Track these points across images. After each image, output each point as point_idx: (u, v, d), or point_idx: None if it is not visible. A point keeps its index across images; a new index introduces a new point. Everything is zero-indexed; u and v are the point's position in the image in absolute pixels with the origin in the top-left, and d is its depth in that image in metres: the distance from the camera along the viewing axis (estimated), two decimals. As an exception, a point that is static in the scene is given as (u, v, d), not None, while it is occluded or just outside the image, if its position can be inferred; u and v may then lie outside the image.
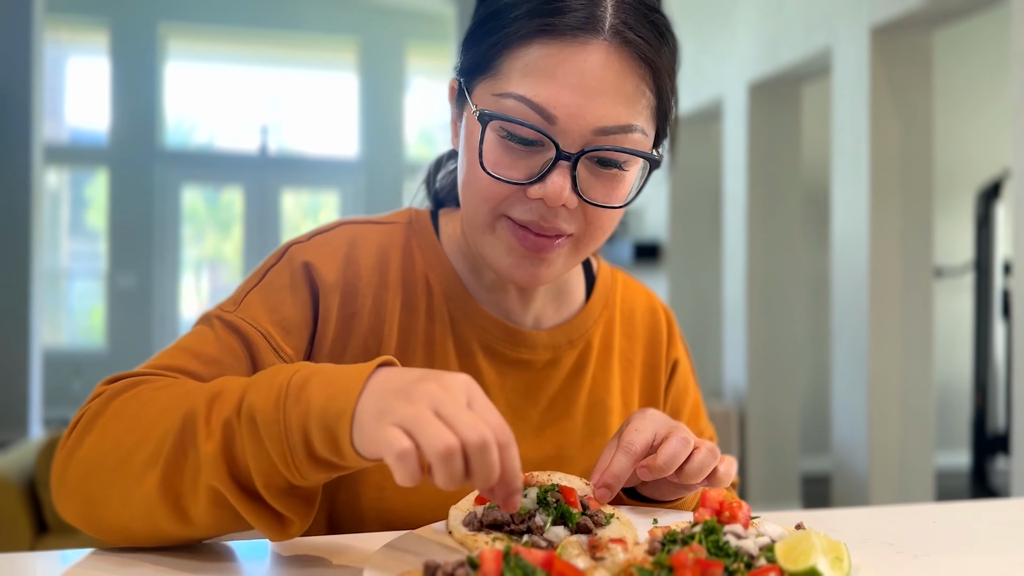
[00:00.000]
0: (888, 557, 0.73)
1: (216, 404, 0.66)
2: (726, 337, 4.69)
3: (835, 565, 0.59)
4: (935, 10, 3.33)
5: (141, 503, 0.67)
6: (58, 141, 7.88)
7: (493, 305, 0.90)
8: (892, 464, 3.52)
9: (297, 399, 0.63)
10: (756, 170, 4.50)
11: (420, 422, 0.57)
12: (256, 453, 0.64)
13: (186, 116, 8.38)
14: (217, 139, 8.45)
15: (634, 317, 0.99)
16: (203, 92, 8.33)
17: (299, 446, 0.63)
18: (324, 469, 0.64)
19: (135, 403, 0.71)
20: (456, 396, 0.59)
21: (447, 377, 0.61)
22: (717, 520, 0.65)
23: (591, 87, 0.75)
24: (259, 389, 0.65)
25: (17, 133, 5.72)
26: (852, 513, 0.89)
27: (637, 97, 0.77)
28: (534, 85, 0.75)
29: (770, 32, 4.27)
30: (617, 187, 0.79)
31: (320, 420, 0.62)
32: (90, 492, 0.69)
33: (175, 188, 8.09)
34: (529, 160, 0.77)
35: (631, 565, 0.57)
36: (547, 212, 0.77)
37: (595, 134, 0.76)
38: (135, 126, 7.91)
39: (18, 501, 2.66)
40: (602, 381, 0.94)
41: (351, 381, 0.62)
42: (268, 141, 8.33)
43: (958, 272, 5.43)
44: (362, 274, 0.86)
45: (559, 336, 0.91)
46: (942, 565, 0.72)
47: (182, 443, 0.66)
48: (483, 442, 0.57)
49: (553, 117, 0.75)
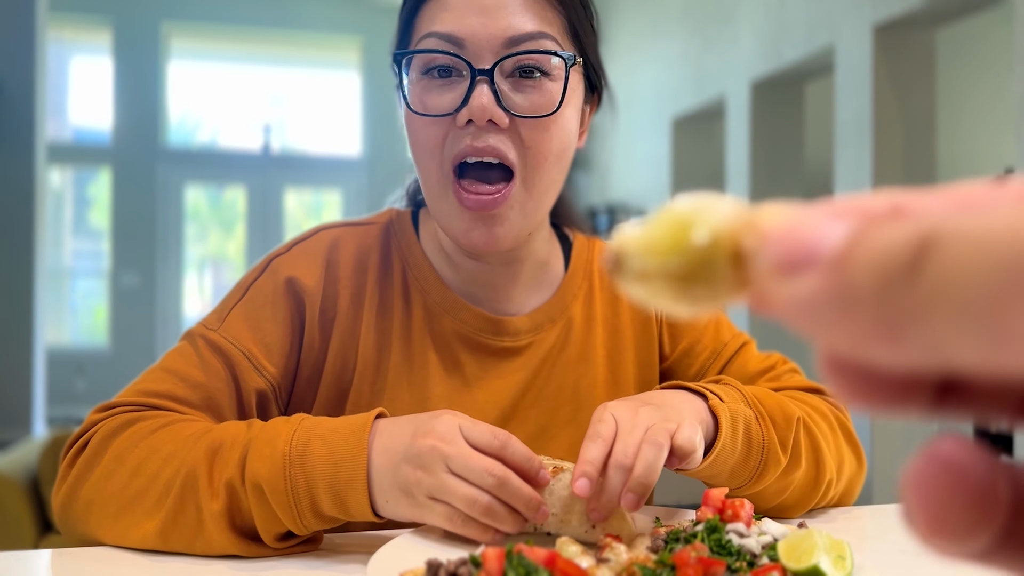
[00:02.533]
0: (890, 556, 0.73)
1: (217, 462, 0.70)
2: (729, 336, 4.69)
3: (837, 564, 0.59)
4: (938, 9, 3.33)
5: (139, 544, 0.71)
6: (61, 140, 7.89)
7: (472, 297, 0.90)
8: (895, 462, 3.52)
9: (302, 466, 0.67)
10: (759, 168, 4.50)
11: (446, 491, 0.64)
12: (264, 516, 0.68)
13: (189, 115, 8.38)
14: (220, 138, 8.46)
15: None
16: (206, 91, 8.33)
17: (308, 510, 0.68)
18: (332, 523, 0.70)
19: (135, 448, 0.73)
20: (456, 443, 0.65)
21: (438, 426, 0.66)
22: (720, 519, 0.65)
23: (489, 5, 0.78)
24: (261, 454, 0.68)
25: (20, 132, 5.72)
26: (854, 512, 0.89)
27: (543, 9, 0.79)
28: (440, 21, 0.79)
29: (773, 30, 4.27)
30: (544, 96, 0.79)
31: (329, 488, 0.67)
32: (92, 529, 0.74)
33: (178, 187, 8.10)
34: (452, 92, 0.79)
35: (633, 563, 0.57)
36: (479, 132, 0.78)
37: (505, 46, 0.78)
38: (138, 125, 7.91)
39: (21, 499, 2.67)
40: (585, 353, 0.92)
41: (353, 447, 0.67)
42: (271, 140, 8.33)
43: (961, 271, 5.42)
44: (340, 276, 0.87)
45: (540, 317, 0.91)
46: (945, 565, 0.71)
47: (182, 499, 0.70)
48: (499, 481, 0.64)
49: (460, 40, 0.78)
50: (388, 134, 8.48)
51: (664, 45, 5.41)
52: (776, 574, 0.57)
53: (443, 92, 0.79)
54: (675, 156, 5.39)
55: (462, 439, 0.66)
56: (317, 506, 0.67)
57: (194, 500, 0.69)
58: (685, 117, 5.29)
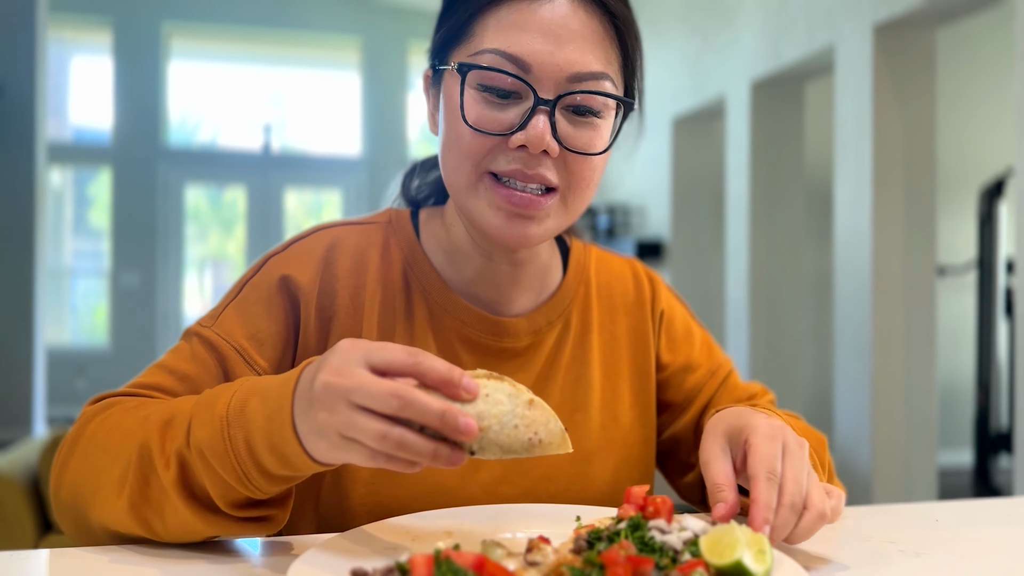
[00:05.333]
0: (890, 555, 0.73)
1: (168, 433, 0.70)
2: (729, 335, 4.69)
3: (759, 558, 0.60)
4: (938, 8, 3.32)
5: (119, 525, 0.72)
6: (61, 140, 7.89)
7: (474, 298, 0.90)
8: (895, 462, 3.52)
9: (240, 425, 0.66)
10: (759, 168, 4.50)
11: (354, 428, 0.60)
12: (213, 481, 0.67)
13: (189, 115, 8.38)
14: (220, 138, 8.45)
15: (612, 288, 0.99)
16: (206, 91, 8.33)
17: (252, 469, 0.66)
18: (282, 482, 0.68)
19: (104, 428, 0.75)
20: (353, 375, 0.60)
21: (334, 359, 0.62)
22: (642, 516, 0.65)
23: (560, 35, 0.78)
24: (201, 419, 0.68)
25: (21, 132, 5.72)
26: (854, 511, 0.89)
27: (605, 48, 0.81)
28: (506, 39, 0.79)
29: (773, 30, 4.27)
30: (595, 135, 0.81)
31: (267, 444, 0.65)
32: (77, 513, 0.75)
33: (178, 187, 8.10)
34: (508, 112, 0.79)
35: (562, 564, 0.57)
36: (530, 160, 0.79)
37: (569, 81, 0.79)
38: (138, 125, 7.91)
39: (22, 499, 2.67)
40: (580, 356, 0.94)
41: (282, 397, 0.65)
42: (271, 140, 8.33)
43: (961, 270, 5.42)
44: (339, 275, 0.87)
45: (539, 319, 0.92)
46: (944, 564, 0.72)
47: (142, 472, 0.70)
48: (404, 402, 0.59)
49: (528, 66, 0.78)
50: (388, 134, 8.47)
51: (664, 45, 5.41)
52: (700, 570, 0.57)
53: (501, 111, 0.79)
54: (675, 156, 5.39)
55: (361, 368, 0.61)
56: (261, 464, 0.66)
57: (153, 472, 0.69)
58: (685, 117, 5.29)
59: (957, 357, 5.53)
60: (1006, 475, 4.85)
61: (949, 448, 5.52)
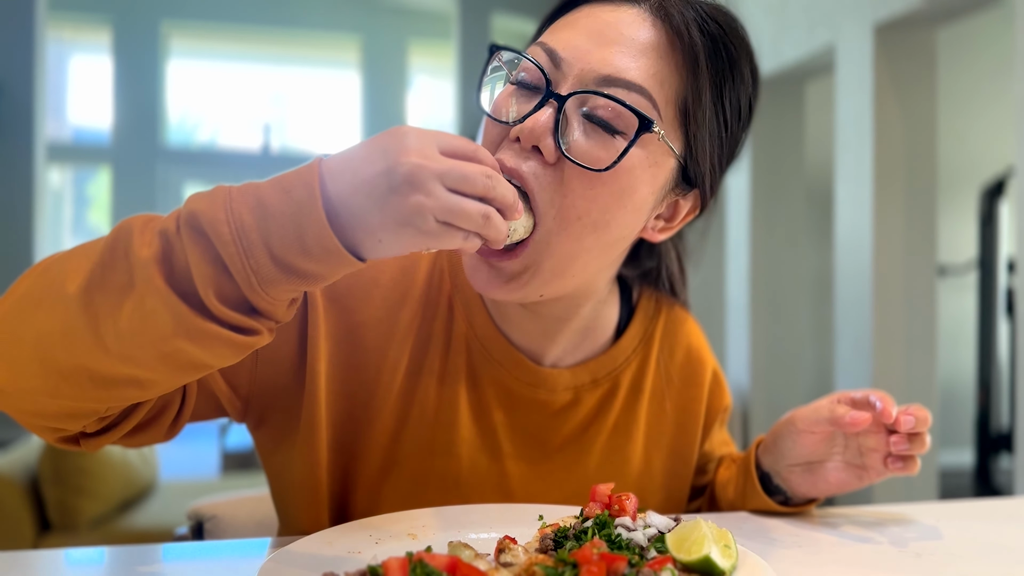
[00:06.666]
0: (890, 556, 0.73)
1: (153, 222, 0.59)
2: (729, 335, 4.69)
3: (724, 553, 0.60)
4: (939, 8, 3.32)
5: (58, 322, 0.58)
6: (60, 139, 7.89)
7: (517, 338, 0.83)
8: (895, 462, 3.51)
9: (245, 197, 0.57)
10: (759, 167, 4.49)
11: (453, 211, 0.56)
12: (202, 259, 0.56)
13: (189, 114, 8.38)
14: (220, 137, 8.45)
15: (674, 356, 0.92)
16: (206, 90, 8.32)
17: (257, 244, 0.56)
18: (287, 273, 0.57)
19: (58, 256, 0.63)
20: (439, 158, 0.57)
21: (410, 142, 0.57)
22: (608, 514, 0.65)
23: (605, 35, 0.71)
24: (199, 199, 0.58)
25: (19, 131, 5.72)
26: (855, 511, 0.89)
27: (658, 67, 0.71)
28: (557, 34, 0.73)
29: (773, 29, 4.27)
30: (604, 151, 0.69)
31: (282, 214, 0.56)
32: (8, 336, 0.61)
33: (177, 186, 8.09)
34: (526, 105, 0.72)
35: (534, 564, 0.57)
36: (519, 153, 0.70)
37: (597, 83, 0.70)
38: (138, 124, 7.91)
39: (21, 499, 2.67)
40: (624, 426, 0.87)
41: (304, 174, 0.58)
42: (271, 139, 8.32)
43: (962, 270, 5.42)
44: (380, 281, 0.80)
45: (582, 375, 0.85)
46: (944, 564, 0.71)
47: (112, 251, 0.58)
48: (493, 179, 0.59)
49: (560, 59, 0.71)
50: (388, 133, 8.47)
51: (664, 44, 5.41)
52: (669, 566, 0.57)
53: (519, 103, 0.72)
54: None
55: (438, 151, 0.58)
56: (268, 240, 0.56)
57: (125, 255, 0.57)
58: (685, 116, 5.29)
59: (958, 357, 5.52)
60: (1007, 475, 4.85)
61: (950, 448, 5.52)
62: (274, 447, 0.81)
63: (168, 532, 2.76)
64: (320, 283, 0.59)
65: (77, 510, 2.73)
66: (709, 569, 0.58)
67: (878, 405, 0.79)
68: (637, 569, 0.56)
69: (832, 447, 0.84)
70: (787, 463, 0.85)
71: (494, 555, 0.61)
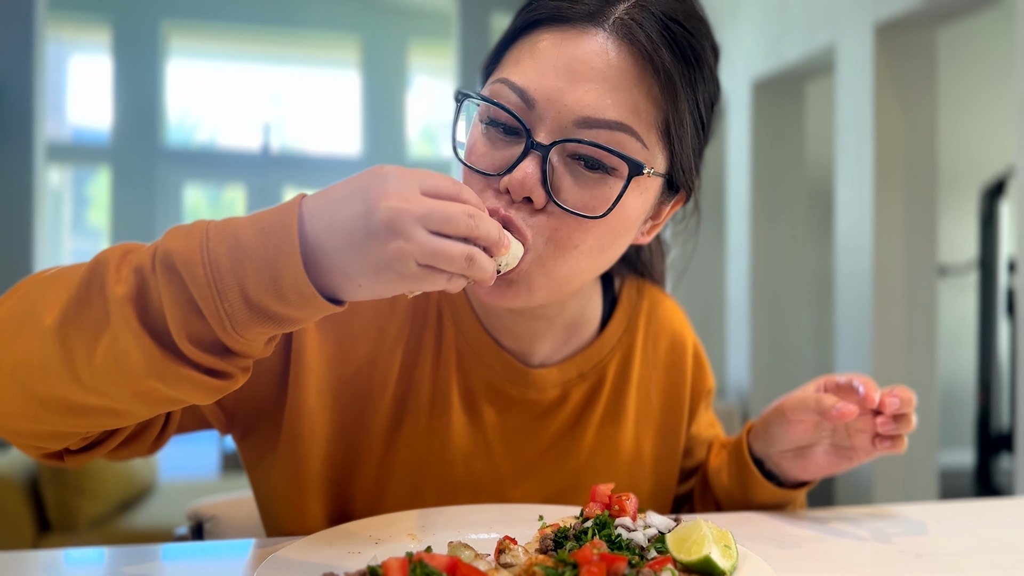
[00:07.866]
0: (891, 556, 0.73)
1: (130, 255, 0.59)
2: (729, 335, 4.68)
3: (725, 553, 0.60)
4: (939, 7, 3.32)
5: (34, 352, 0.58)
6: (60, 139, 7.88)
7: (506, 341, 0.84)
8: (896, 462, 3.52)
9: (222, 239, 0.56)
10: (760, 168, 4.49)
11: (434, 254, 0.55)
12: (175, 300, 0.55)
13: (188, 114, 8.37)
14: (219, 137, 8.45)
15: (658, 341, 0.93)
16: (205, 90, 8.32)
17: (232, 287, 0.55)
18: (262, 318, 0.56)
19: (41, 277, 0.64)
20: (420, 200, 0.55)
21: (390, 185, 0.55)
22: (608, 514, 0.65)
23: (577, 72, 0.68)
24: (176, 233, 0.57)
25: (19, 131, 5.72)
26: (855, 511, 0.89)
27: (635, 98, 0.69)
28: (523, 69, 0.70)
29: (774, 29, 4.27)
30: (597, 197, 0.69)
31: (257, 257, 0.55)
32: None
33: (177, 186, 8.09)
34: (507, 151, 0.70)
35: (534, 564, 0.57)
36: (510, 205, 0.69)
37: (576, 126, 0.68)
38: (137, 124, 7.91)
39: (20, 500, 2.66)
40: (613, 415, 0.88)
41: (284, 214, 0.56)
42: (270, 139, 8.32)
43: (962, 270, 5.42)
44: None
45: (569, 370, 0.86)
46: (945, 564, 0.71)
47: (88, 286, 0.58)
48: (475, 219, 0.57)
49: (532, 101, 0.69)
50: (388, 134, 8.47)
51: (664, 44, 5.41)
52: (670, 566, 0.57)
53: (498, 149, 0.71)
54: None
55: (419, 192, 0.56)
56: (243, 283, 0.55)
57: (100, 290, 0.57)
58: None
59: (958, 357, 5.52)
60: (1007, 475, 4.85)
61: (950, 448, 5.52)
62: (258, 458, 0.82)
63: (168, 532, 2.76)
64: (296, 326, 0.58)
65: (77, 510, 2.73)
66: (709, 569, 0.58)
67: (861, 390, 0.81)
68: (637, 569, 0.56)
69: (821, 432, 0.86)
70: (778, 449, 0.87)
71: (494, 555, 0.61)
